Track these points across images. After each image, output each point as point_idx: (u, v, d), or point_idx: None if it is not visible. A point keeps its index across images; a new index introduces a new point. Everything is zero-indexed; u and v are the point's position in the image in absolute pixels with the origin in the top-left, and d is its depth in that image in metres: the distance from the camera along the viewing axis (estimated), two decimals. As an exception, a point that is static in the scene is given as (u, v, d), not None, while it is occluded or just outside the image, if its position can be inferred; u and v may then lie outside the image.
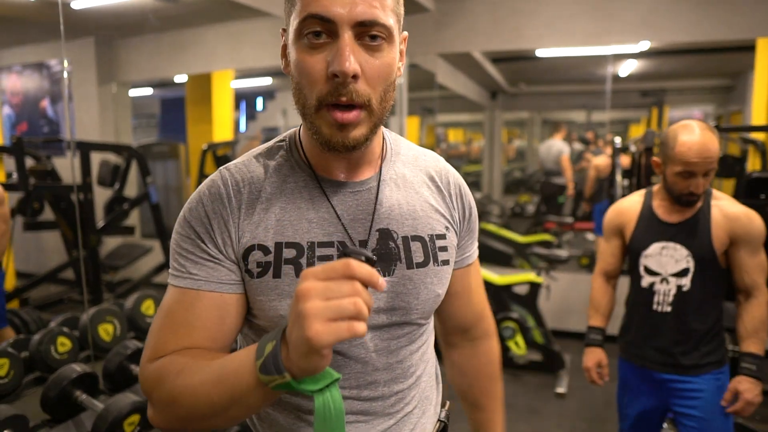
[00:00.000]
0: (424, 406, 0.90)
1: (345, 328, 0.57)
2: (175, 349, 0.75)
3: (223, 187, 0.79)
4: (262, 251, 0.76)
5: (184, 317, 0.75)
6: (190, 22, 5.08)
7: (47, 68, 4.69)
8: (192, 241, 0.77)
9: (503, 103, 8.02)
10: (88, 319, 2.37)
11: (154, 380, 0.73)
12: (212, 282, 0.76)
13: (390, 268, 0.80)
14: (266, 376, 0.61)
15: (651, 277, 1.78)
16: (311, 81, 0.70)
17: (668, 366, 1.76)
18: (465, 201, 0.92)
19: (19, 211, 3.94)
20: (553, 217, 5.81)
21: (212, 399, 0.67)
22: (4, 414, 1.74)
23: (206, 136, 5.83)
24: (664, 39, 4.02)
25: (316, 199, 0.79)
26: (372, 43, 0.70)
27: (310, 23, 0.68)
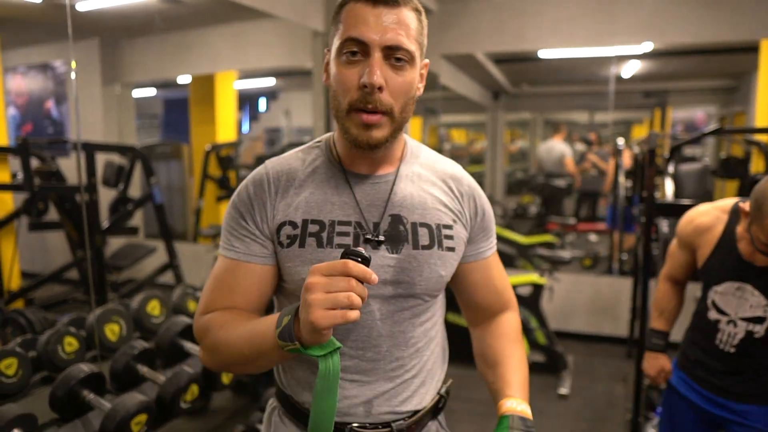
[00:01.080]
0: (425, 378, 1.02)
1: (339, 315, 0.74)
2: (221, 307, 0.96)
3: (265, 176, 0.98)
4: (291, 226, 0.94)
5: (228, 282, 0.96)
6: (194, 23, 5.10)
7: (52, 69, 4.71)
8: (236, 219, 0.96)
9: (506, 103, 8.02)
10: (94, 319, 2.38)
11: (203, 331, 0.95)
12: (250, 255, 0.95)
13: (398, 247, 0.94)
14: (282, 342, 0.81)
15: (718, 314, 1.62)
16: (345, 89, 0.88)
17: (719, 390, 1.65)
18: (478, 203, 1.06)
19: (24, 212, 3.96)
20: (556, 218, 5.82)
21: (243, 352, 0.88)
22: (13, 413, 1.76)
23: (209, 136, 5.85)
24: (667, 40, 4.03)
25: (341, 186, 0.96)
26: (397, 63, 0.87)
27: (349, 44, 0.86)
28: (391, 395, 0.98)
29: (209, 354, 0.94)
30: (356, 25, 0.85)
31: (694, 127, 6.81)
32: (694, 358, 1.73)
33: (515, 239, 4.98)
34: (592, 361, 3.97)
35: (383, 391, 0.97)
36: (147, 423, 1.97)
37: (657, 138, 2.77)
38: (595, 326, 4.36)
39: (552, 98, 8.41)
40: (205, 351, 0.95)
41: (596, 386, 3.57)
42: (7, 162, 3.86)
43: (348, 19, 0.86)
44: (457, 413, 3.11)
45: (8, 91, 4.79)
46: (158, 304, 2.65)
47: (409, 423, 0.99)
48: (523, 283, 3.74)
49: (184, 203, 6.56)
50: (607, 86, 4.88)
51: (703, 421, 1.74)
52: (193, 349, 2.40)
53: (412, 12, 0.88)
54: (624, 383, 3.59)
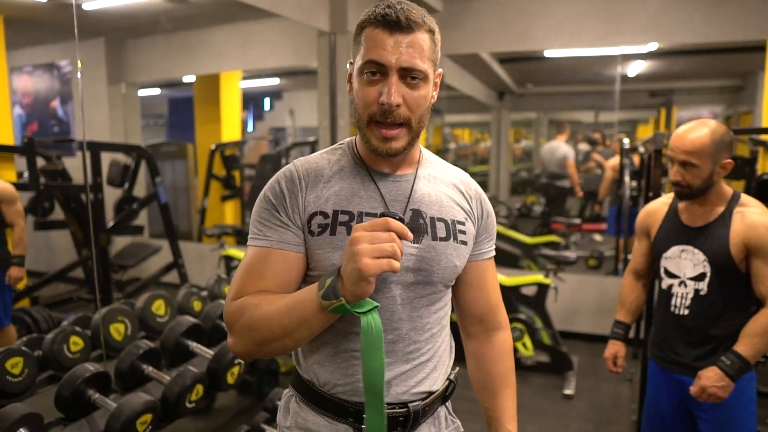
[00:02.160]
0: (437, 362, 1.09)
1: (386, 262, 0.83)
2: (253, 292, 0.99)
3: (295, 172, 1.05)
4: (322, 216, 1.01)
5: (259, 268, 1.00)
6: (199, 22, 5.10)
7: (57, 69, 4.72)
8: (269, 211, 1.02)
9: (510, 103, 8.01)
10: (99, 318, 2.39)
11: (236, 312, 0.98)
12: (282, 242, 1.01)
13: (419, 238, 1.03)
14: (327, 301, 0.87)
15: (670, 279, 1.79)
16: (366, 103, 0.97)
17: (685, 368, 1.76)
18: (484, 206, 1.16)
19: (29, 211, 3.97)
20: (561, 218, 5.81)
21: (284, 323, 0.92)
22: (19, 412, 1.76)
23: (214, 136, 5.86)
24: (673, 39, 4.01)
25: (366, 182, 1.05)
26: (412, 81, 0.96)
27: (370, 65, 0.95)
28: (408, 376, 1.05)
29: (243, 334, 0.97)
30: (375, 49, 0.95)
31: (699, 127, 6.76)
32: (659, 339, 1.86)
33: (520, 239, 4.97)
34: (597, 362, 3.96)
35: (401, 372, 1.04)
36: (152, 422, 1.97)
37: (663, 138, 2.76)
38: (601, 327, 4.34)
39: (557, 98, 8.40)
40: (238, 333, 0.98)
41: (601, 387, 3.57)
42: (13, 161, 3.87)
43: (368, 42, 0.96)
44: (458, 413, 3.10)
45: (14, 91, 4.81)
46: (163, 304, 2.65)
47: (423, 405, 1.06)
48: (528, 283, 3.73)
49: (189, 202, 6.58)
50: (613, 86, 4.87)
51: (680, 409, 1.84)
52: (198, 349, 2.40)
53: (425, 34, 0.97)
54: (629, 384, 3.58)
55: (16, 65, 4.89)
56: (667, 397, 1.85)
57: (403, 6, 0.96)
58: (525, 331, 3.60)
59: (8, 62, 3.95)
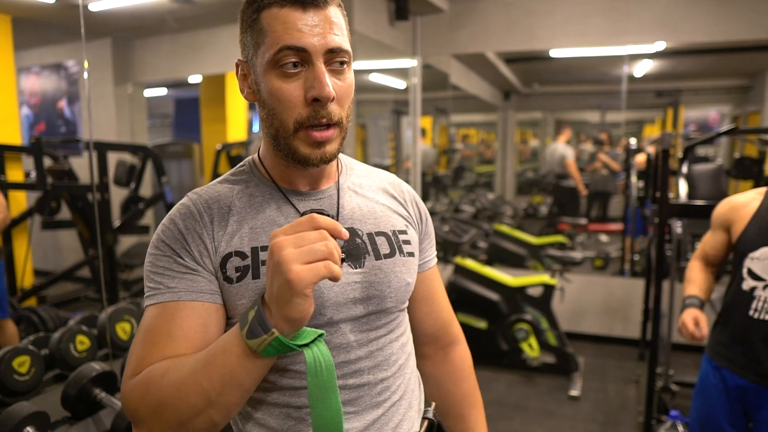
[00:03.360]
0: (410, 399, 0.93)
1: (322, 266, 0.64)
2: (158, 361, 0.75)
3: (193, 206, 0.84)
4: (239, 257, 0.80)
5: (165, 330, 0.76)
6: (205, 23, 5.11)
7: (65, 69, 4.74)
8: (168, 258, 0.79)
9: (516, 103, 7.99)
10: (106, 317, 2.40)
11: (139, 392, 0.72)
12: (192, 292, 0.78)
13: (360, 261, 0.86)
14: (254, 339, 0.66)
15: (754, 281, 1.69)
16: (289, 107, 0.77)
17: (754, 374, 1.70)
18: (420, 207, 1.01)
19: (37, 210, 3.99)
20: (567, 219, 5.79)
21: (203, 386, 0.68)
22: (26, 410, 1.77)
23: (220, 136, 5.87)
24: (680, 39, 3.99)
25: (283, 207, 0.86)
26: (339, 68, 0.79)
27: (286, 54, 0.75)
28: (382, 423, 0.87)
29: (151, 418, 0.71)
30: (289, 32, 0.75)
31: (707, 127, 6.74)
32: (729, 342, 1.76)
33: (526, 239, 4.96)
34: (603, 363, 3.94)
35: (373, 420, 0.86)
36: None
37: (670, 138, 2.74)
38: (607, 328, 4.33)
39: (563, 98, 8.37)
40: (145, 419, 0.72)
41: (608, 388, 3.55)
42: (20, 161, 3.90)
43: (275, 26, 0.76)
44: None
45: (22, 91, 4.83)
46: (169, 303, 2.66)
47: None
48: (534, 283, 3.72)
49: (195, 202, 6.59)
50: (619, 85, 4.84)
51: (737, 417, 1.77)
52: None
53: (337, 8, 0.80)
54: (636, 385, 3.56)
55: (24, 66, 4.92)
56: (725, 401, 1.78)
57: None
58: (531, 331, 3.59)
59: (16, 63, 3.98)
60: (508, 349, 3.69)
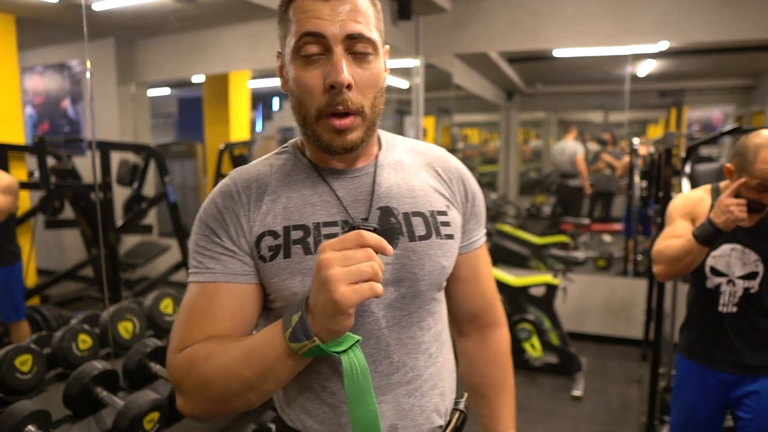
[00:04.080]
0: (443, 389, 0.93)
1: (366, 288, 0.67)
2: (200, 339, 0.81)
3: (233, 186, 0.87)
4: (272, 236, 0.83)
5: (206, 309, 0.82)
6: (209, 22, 5.12)
7: (68, 69, 4.75)
8: (208, 237, 0.84)
9: (519, 103, 7.98)
10: (108, 317, 2.40)
11: (183, 368, 0.80)
12: (229, 274, 0.83)
13: (393, 242, 0.85)
14: (296, 343, 0.71)
15: (717, 278, 1.76)
16: (310, 94, 0.80)
17: (733, 366, 1.76)
18: (467, 185, 0.97)
19: (40, 210, 4.00)
20: (570, 219, 5.77)
21: (244, 374, 0.74)
22: (28, 409, 1.77)
23: (223, 135, 5.88)
24: (684, 39, 3.98)
25: (318, 186, 0.87)
26: (361, 56, 0.80)
27: (306, 41, 0.78)
28: (414, 412, 0.88)
29: (195, 393, 0.79)
30: (310, 19, 0.77)
31: (710, 127, 6.72)
32: (702, 339, 1.82)
33: (529, 239, 4.95)
34: (606, 363, 3.93)
35: (404, 408, 0.87)
36: (159, 421, 1.98)
37: (673, 138, 2.73)
38: (610, 328, 4.32)
39: (566, 98, 8.35)
40: (189, 392, 0.80)
41: (610, 388, 3.54)
42: (24, 160, 3.91)
43: (300, 15, 0.79)
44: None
45: (25, 91, 4.85)
46: (171, 303, 2.66)
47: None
48: (537, 283, 3.71)
49: (198, 202, 6.60)
50: (623, 85, 4.83)
51: (720, 410, 1.82)
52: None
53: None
54: (638, 385, 3.55)
55: (28, 65, 4.93)
56: (708, 397, 1.82)
57: None
58: (533, 331, 3.59)
59: (20, 62, 3.99)
60: (511, 349, 3.69)
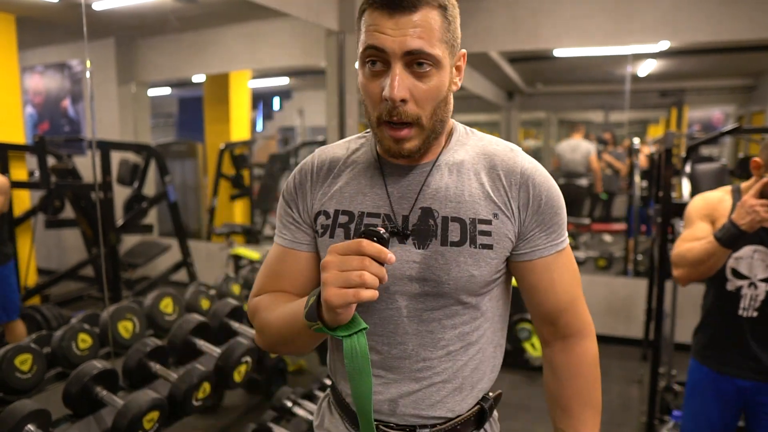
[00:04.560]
0: (460, 384, 0.95)
1: (351, 293, 0.74)
2: (270, 291, 1.01)
3: (311, 165, 1.00)
4: (325, 216, 0.96)
5: (276, 268, 1.01)
6: (208, 22, 5.12)
7: (68, 68, 4.76)
8: (284, 208, 1.01)
9: (520, 103, 7.98)
10: (108, 316, 2.40)
11: (252, 311, 1.01)
12: (294, 242, 0.99)
13: (425, 242, 0.90)
14: (308, 321, 0.82)
15: (738, 280, 1.69)
16: (372, 102, 0.87)
17: (752, 372, 1.70)
18: (532, 192, 0.92)
19: (40, 209, 4.01)
20: (570, 218, 5.76)
21: (282, 332, 0.92)
22: (27, 408, 1.77)
23: (224, 135, 5.88)
24: (685, 38, 3.97)
25: (375, 177, 0.95)
26: (420, 70, 0.83)
27: (369, 53, 0.83)
28: (418, 398, 0.93)
29: (258, 333, 0.99)
30: (374, 33, 0.82)
31: (710, 127, 6.72)
32: (718, 344, 1.75)
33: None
34: (606, 363, 3.92)
35: (409, 391, 0.93)
36: (159, 420, 1.98)
37: (673, 137, 2.73)
38: (610, 327, 4.31)
39: (567, 97, 8.35)
40: (257, 331, 1.00)
41: (611, 388, 3.54)
42: (24, 160, 3.91)
43: (367, 27, 0.84)
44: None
45: (26, 91, 4.85)
46: (171, 302, 2.66)
47: (437, 430, 0.95)
48: (537, 283, 3.70)
49: (198, 201, 6.61)
50: (623, 85, 4.84)
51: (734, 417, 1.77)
52: (205, 347, 2.41)
53: (435, 10, 0.82)
54: (639, 385, 3.55)
55: (28, 65, 4.93)
56: (724, 404, 1.76)
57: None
58: (533, 331, 3.59)
59: (20, 62, 4.00)
60: (511, 349, 3.68)
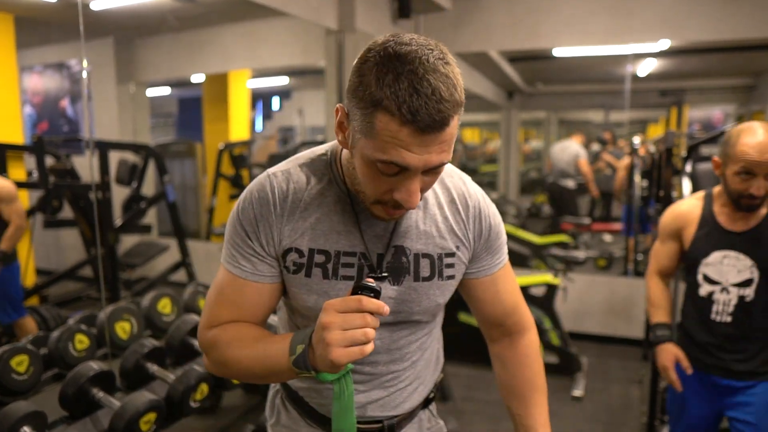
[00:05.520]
0: (418, 384, 1.07)
1: (357, 351, 0.78)
2: (226, 321, 0.97)
3: (270, 195, 0.93)
4: (297, 254, 0.94)
5: (233, 298, 0.97)
6: (208, 21, 5.11)
7: (67, 68, 4.74)
8: (242, 237, 0.95)
9: (520, 102, 7.96)
10: (105, 317, 2.39)
11: (210, 345, 0.97)
12: (256, 274, 0.95)
13: (399, 279, 0.96)
14: (297, 368, 0.84)
15: (710, 285, 1.72)
16: (375, 190, 0.83)
17: (727, 372, 1.73)
18: (485, 223, 1.02)
19: (38, 209, 3.99)
20: (570, 218, 5.76)
21: (254, 371, 0.92)
22: (23, 410, 1.76)
23: (223, 135, 5.87)
24: (685, 37, 3.96)
25: (347, 214, 0.94)
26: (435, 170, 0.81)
27: (388, 167, 0.78)
28: (385, 402, 1.03)
29: (216, 367, 0.98)
30: (398, 150, 0.75)
31: (711, 127, 6.71)
32: (695, 344, 1.79)
33: (529, 239, 4.94)
34: (606, 363, 3.92)
35: (377, 398, 1.03)
36: (156, 421, 1.97)
37: (674, 137, 2.72)
38: (610, 327, 4.30)
39: (567, 97, 8.34)
40: (212, 363, 0.98)
41: (611, 388, 3.53)
42: (23, 160, 3.90)
43: (387, 137, 0.75)
44: (469, 414, 3.09)
45: (25, 90, 4.84)
46: (169, 303, 2.65)
47: (399, 419, 1.05)
48: (537, 283, 3.70)
49: (198, 201, 6.60)
50: (623, 85, 4.82)
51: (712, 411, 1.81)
52: (203, 348, 2.39)
53: (456, 116, 0.77)
54: (639, 385, 3.54)
55: (27, 65, 4.92)
56: (700, 400, 1.81)
57: (435, 90, 0.73)
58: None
59: (19, 62, 3.98)
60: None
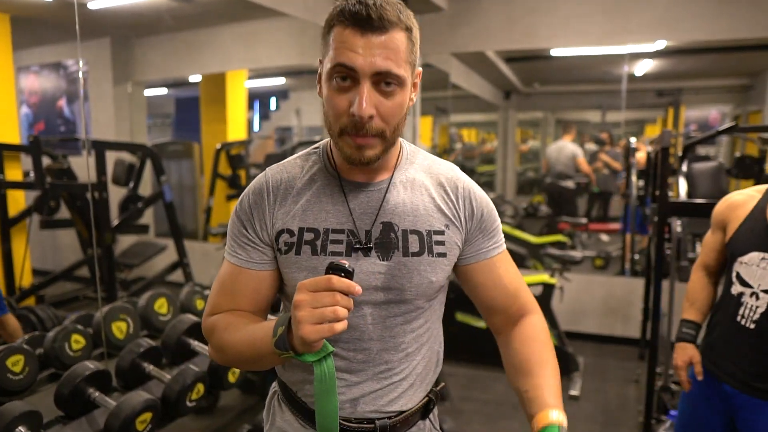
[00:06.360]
0: (414, 381, 1.05)
1: (326, 328, 0.80)
2: (226, 309, 1.03)
3: (264, 185, 1.02)
4: (288, 234, 0.99)
5: (231, 287, 1.03)
6: (205, 21, 5.10)
7: (64, 68, 4.73)
8: (238, 228, 1.02)
9: (517, 102, 7.97)
10: (101, 316, 2.39)
11: (209, 331, 1.03)
12: (251, 262, 1.01)
13: (388, 254, 0.98)
14: (278, 350, 0.87)
15: (741, 286, 1.60)
16: (336, 114, 0.90)
17: (740, 383, 1.61)
18: (474, 204, 1.05)
19: (35, 210, 3.98)
20: (567, 218, 5.76)
21: (244, 354, 0.96)
22: (18, 410, 1.76)
23: (220, 135, 5.86)
24: (681, 38, 3.97)
25: (336, 195, 0.99)
26: (386, 89, 0.89)
27: (339, 69, 0.87)
28: (378, 395, 1.01)
29: (217, 352, 1.02)
30: (345, 51, 0.86)
31: (707, 127, 6.72)
32: (715, 345, 1.69)
33: (526, 239, 4.94)
34: (603, 363, 3.92)
35: (370, 391, 1.01)
36: (152, 421, 1.96)
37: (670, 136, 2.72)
38: (607, 327, 4.31)
39: (564, 97, 8.35)
40: (213, 349, 1.03)
41: (608, 388, 3.53)
42: (19, 160, 3.89)
43: (337, 44, 0.87)
44: (467, 414, 3.09)
45: (21, 90, 4.83)
46: (165, 303, 2.65)
47: (394, 422, 1.02)
48: (534, 283, 3.70)
49: (195, 202, 6.59)
50: (620, 85, 4.82)
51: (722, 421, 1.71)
52: (199, 348, 2.39)
53: (402, 32, 0.88)
54: (636, 385, 3.54)
55: (24, 65, 4.91)
56: (710, 404, 1.71)
57: (377, 1, 0.86)
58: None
59: (15, 62, 3.97)
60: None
